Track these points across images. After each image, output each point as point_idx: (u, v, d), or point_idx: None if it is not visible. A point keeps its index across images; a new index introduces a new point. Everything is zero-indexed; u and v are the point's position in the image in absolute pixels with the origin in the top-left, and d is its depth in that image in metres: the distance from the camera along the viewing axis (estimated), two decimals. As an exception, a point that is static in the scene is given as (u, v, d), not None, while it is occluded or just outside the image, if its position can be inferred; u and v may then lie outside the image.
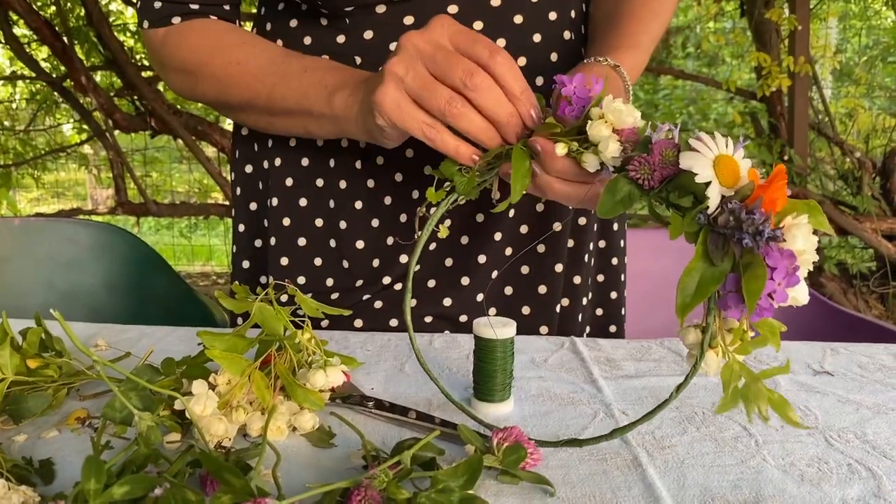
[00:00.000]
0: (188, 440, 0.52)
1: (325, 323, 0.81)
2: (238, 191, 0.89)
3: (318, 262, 0.82)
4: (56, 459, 0.49)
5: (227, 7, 0.79)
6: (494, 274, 0.82)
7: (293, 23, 0.81)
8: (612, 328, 0.93)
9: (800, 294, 0.42)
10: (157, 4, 0.77)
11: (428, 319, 0.82)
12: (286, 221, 0.83)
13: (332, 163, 0.81)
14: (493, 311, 0.83)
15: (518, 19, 0.78)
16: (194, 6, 0.77)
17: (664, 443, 0.53)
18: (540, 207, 0.82)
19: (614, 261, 0.92)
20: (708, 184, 0.43)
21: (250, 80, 0.74)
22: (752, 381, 0.43)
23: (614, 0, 0.82)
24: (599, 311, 0.92)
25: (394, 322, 0.81)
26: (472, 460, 0.44)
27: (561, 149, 0.53)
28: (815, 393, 0.62)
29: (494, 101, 0.56)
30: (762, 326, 0.44)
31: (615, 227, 0.91)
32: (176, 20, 0.77)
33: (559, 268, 0.83)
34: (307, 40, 0.80)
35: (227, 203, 3.90)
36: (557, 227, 0.82)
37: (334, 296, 0.81)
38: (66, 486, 0.46)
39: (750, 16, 3.39)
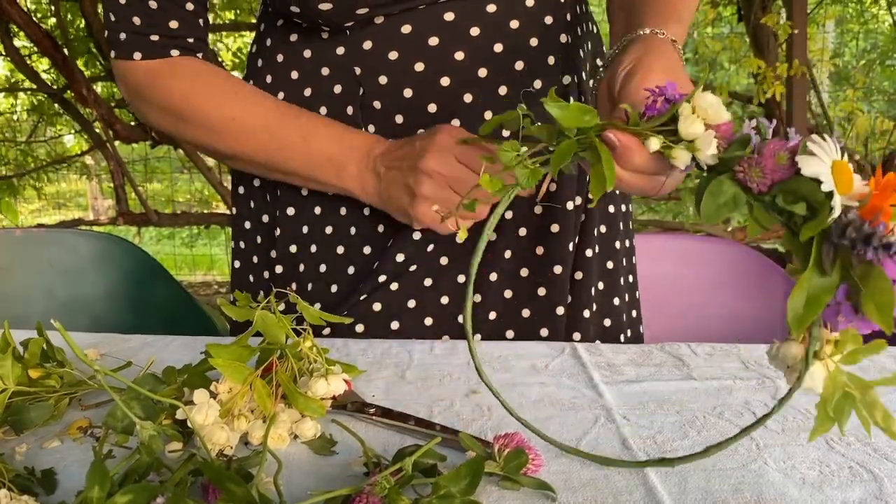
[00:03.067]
0: (190, 449, 0.52)
1: (326, 331, 0.81)
2: (252, 204, 0.89)
3: (322, 268, 0.83)
4: (58, 469, 0.49)
5: (190, 40, 0.79)
6: (494, 277, 0.82)
7: (293, 37, 0.82)
8: (620, 336, 0.92)
9: None
10: (123, 36, 0.78)
11: (428, 322, 0.82)
12: (277, 232, 0.84)
13: None
14: (493, 314, 0.83)
15: (514, 24, 0.78)
16: (154, 38, 0.77)
17: (665, 447, 0.53)
18: (538, 210, 0.82)
19: (609, 265, 0.89)
20: (831, 193, 0.40)
21: (247, 136, 0.77)
22: (863, 389, 0.41)
23: None
24: (608, 322, 0.90)
25: (395, 325, 0.81)
26: (472, 462, 0.44)
27: (655, 143, 0.48)
28: (816, 396, 0.62)
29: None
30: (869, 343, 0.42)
31: (603, 229, 0.89)
32: (137, 55, 0.78)
33: (559, 270, 0.83)
34: (307, 53, 0.81)
35: (228, 213, 3.91)
36: (556, 229, 0.82)
37: (334, 291, 0.82)
38: (69, 496, 0.46)
39: (747, 21, 3.40)
